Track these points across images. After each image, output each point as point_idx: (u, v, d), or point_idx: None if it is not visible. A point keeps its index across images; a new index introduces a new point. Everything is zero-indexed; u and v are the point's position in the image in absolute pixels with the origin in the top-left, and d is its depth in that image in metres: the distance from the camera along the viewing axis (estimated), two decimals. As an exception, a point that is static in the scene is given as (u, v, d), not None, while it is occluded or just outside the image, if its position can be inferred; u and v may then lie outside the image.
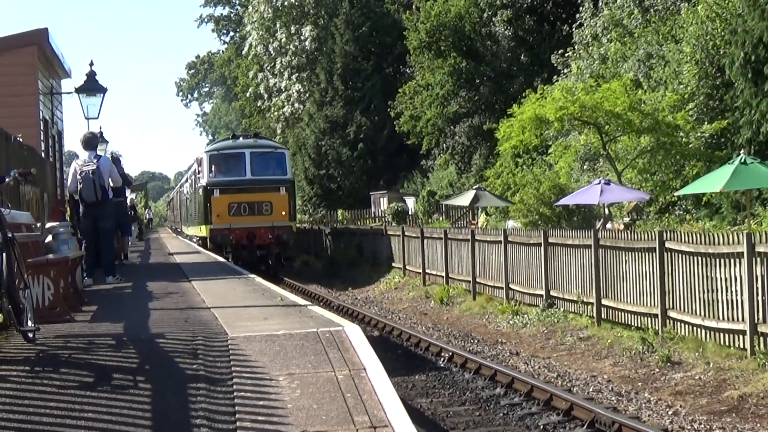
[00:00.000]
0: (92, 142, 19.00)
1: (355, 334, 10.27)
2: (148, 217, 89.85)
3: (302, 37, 75.62)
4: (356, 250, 44.56)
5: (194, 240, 46.06)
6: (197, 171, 41.26)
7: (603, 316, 20.92)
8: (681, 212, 33.98)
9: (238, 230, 36.92)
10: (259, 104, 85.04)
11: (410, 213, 56.82)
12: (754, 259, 15.76)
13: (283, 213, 37.34)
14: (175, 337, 10.62)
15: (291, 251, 40.14)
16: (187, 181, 53.99)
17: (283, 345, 9.85)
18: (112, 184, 19.02)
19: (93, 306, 14.51)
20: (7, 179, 10.60)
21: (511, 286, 25.78)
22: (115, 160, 23.78)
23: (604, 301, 20.90)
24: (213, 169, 38.07)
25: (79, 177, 18.32)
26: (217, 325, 11.52)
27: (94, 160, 18.36)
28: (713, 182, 23.77)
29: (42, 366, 9.00)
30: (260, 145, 39.54)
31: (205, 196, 37.93)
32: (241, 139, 40.20)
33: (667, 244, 18.45)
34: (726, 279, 16.61)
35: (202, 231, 39.60)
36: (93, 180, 18.22)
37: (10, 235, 9.74)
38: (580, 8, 47.54)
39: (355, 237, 46.32)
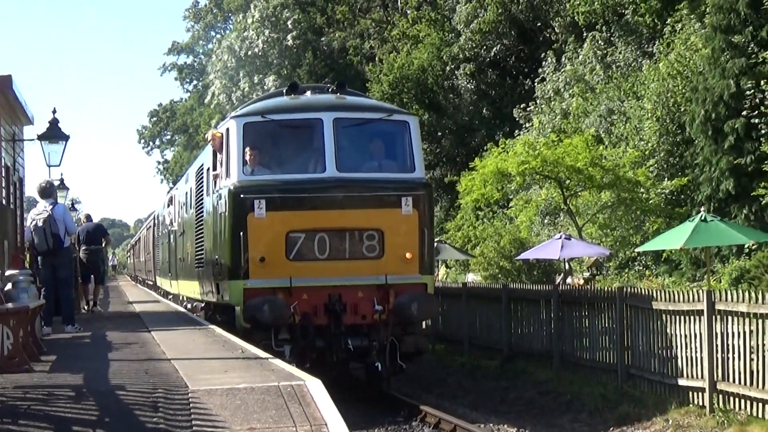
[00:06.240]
0: (48, 190, 18.94)
1: (316, 388, 10.23)
2: (112, 263, 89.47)
3: (266, 87, 75.56)
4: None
5: (187, 306, 27.55)
6: (209, 168, 20.71)
7: (563, 371, 20.92)
8: (641, 268, 34.19)
9: (308, 292, 17.94)
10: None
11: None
12: (713, 316, 15.87)
13: (408, 255, 18.14)
14: (136, 389, 10.53)
15: (422, 338, 19.97)
16: (171, 202, 31.12)
17: (245, 399, 9.80)
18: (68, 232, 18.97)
19: (52, 356, 14.37)
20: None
21: (472, 340, 25.75)
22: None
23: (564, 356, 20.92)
24: (249, 156, 18.44)
25: (31, 226, 18.30)
26: (178, 378, 11.44)
27: (49, 209, 18.31)
28: (673, 239, 23.90)
29: (0, 417, 8.89)
30: (353, 106, 19.69)
31: (234, 214, 18.11)
32: (308, 93, 20.36)
33: (628, 301, 18.54)
34: (685, 336, 16.72)
35: (224, 293, 19.11)
36: (43, 229, 18.16)
37: (-30, 284, 9.69)
38: (543, 63, 48.04)
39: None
